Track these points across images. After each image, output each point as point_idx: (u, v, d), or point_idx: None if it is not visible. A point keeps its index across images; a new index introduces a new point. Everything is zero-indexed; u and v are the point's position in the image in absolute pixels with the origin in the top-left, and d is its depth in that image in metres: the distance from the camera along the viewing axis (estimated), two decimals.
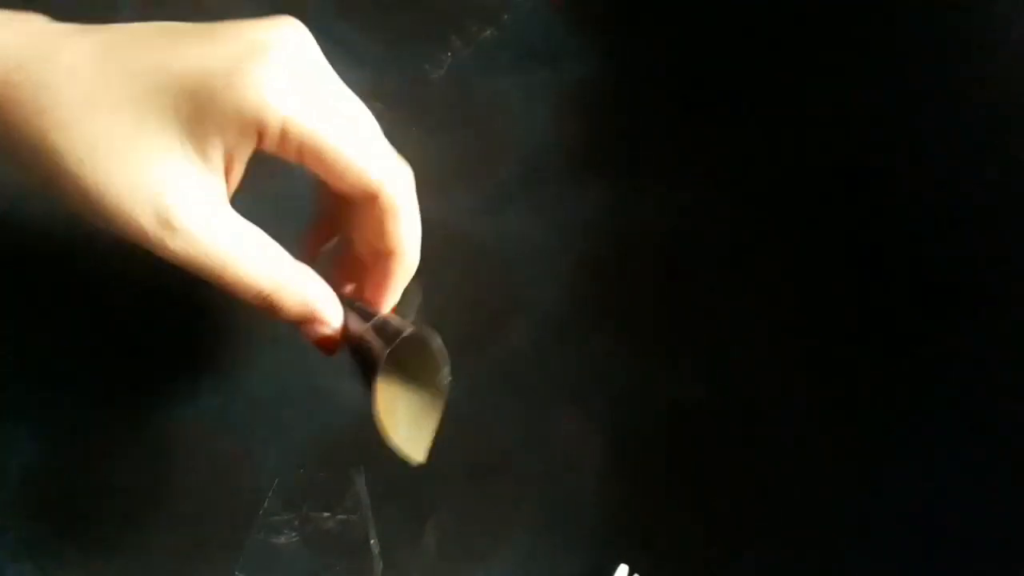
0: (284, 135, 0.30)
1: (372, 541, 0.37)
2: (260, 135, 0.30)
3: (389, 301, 0.35)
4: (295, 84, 0.30)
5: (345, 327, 0.33)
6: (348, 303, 0.33)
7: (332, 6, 0.53)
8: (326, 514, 0.38)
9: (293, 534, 0.37)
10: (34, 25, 0.30)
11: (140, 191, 0.29)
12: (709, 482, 0.41)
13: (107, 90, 0.29)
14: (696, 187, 0.48)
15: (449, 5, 0.54)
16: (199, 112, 0.29)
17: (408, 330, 0.31)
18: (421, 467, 0.32)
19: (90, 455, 0.39)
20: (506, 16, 0.53)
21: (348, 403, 0.40)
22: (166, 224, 0.29)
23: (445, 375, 0.32)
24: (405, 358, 0.31)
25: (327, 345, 0.33)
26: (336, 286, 0.33)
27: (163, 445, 0.39)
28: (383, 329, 0.32)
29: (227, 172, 0.31)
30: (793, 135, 0.50)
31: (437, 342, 0.32)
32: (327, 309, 0.33)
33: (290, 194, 0.37)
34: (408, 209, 0.34)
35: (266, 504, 0.38)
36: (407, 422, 0.33)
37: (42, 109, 0.29)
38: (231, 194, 0.32)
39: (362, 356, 0.32)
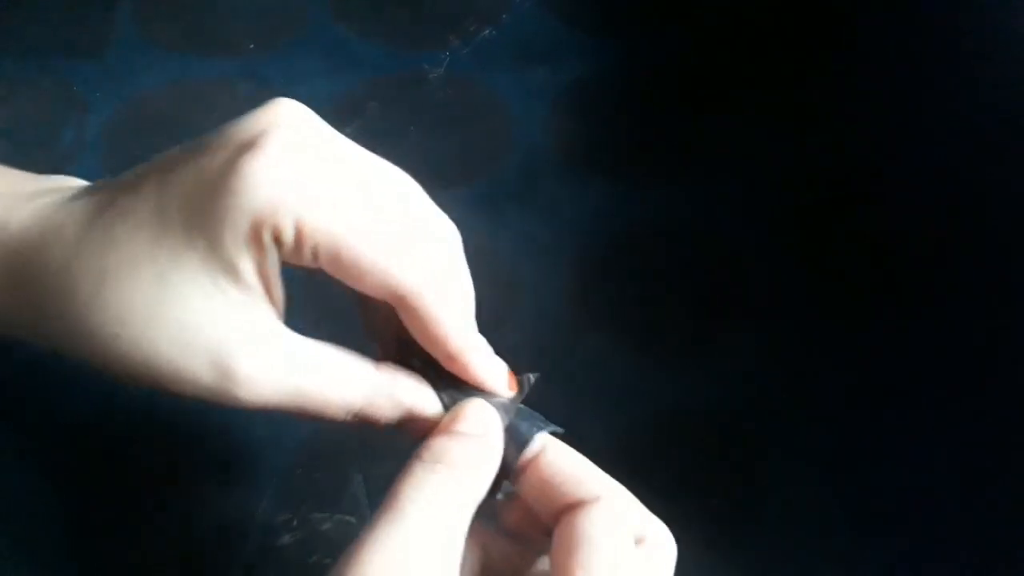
0: (299, 237, 0.26)
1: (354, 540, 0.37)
2: (277, 239, 0.26)
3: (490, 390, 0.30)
4: (298, 173, 0.26)
5: None
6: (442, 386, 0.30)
7: (329, 6, 0.53)
8: (324, 515, 0.38)
9: (290, 535, 0.37)
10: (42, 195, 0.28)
11: (189, 348, 0.26)
12: (708, 482, 0.40)
13: (116, 251, 0.27)
14: (695, 185, 0.48)
15: (448, 5, 0.54)
16: (213, 236, 0.26)
17: (535, 434, 0.29)
18: None
19: (87, 456, 0.39)
20: (504, 16, 0.53)
21: None
22: (227, 375, 0.26)
23: None
24: None
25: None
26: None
27: (160, 445, 0.39)
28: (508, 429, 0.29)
29: (268, 292, 0.28)
30: (793, 133, 0.50)
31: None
32: (426, 405, 0.29)
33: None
34: (443, 314, 0.28)
35: (263, 505, 0.38)
36: None
37: (62, 289, 0.27)
38: (282, 316, 0.29)
39: None
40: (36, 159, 0.46)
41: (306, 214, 0.26)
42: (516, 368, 0.31)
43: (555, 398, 0.42)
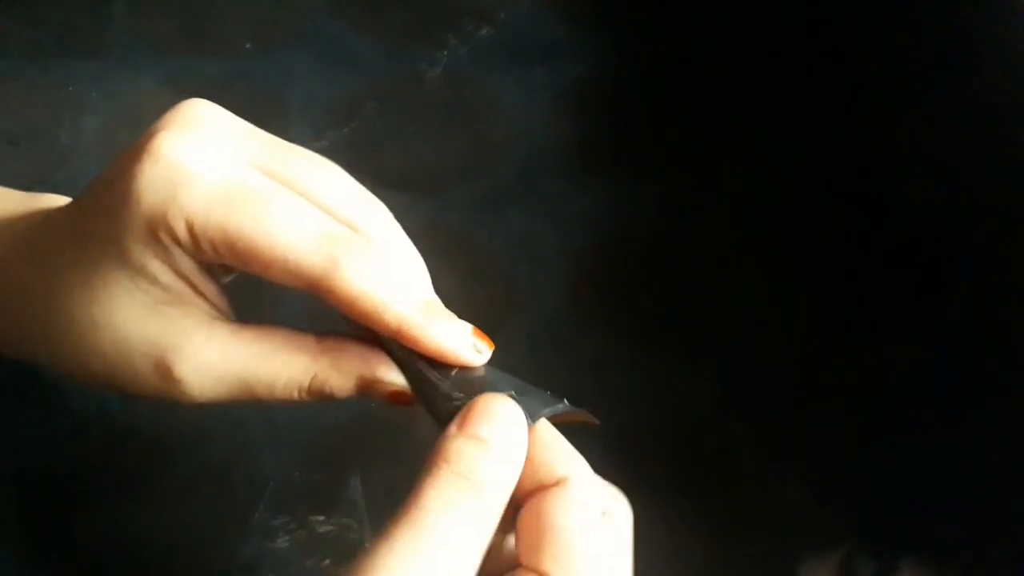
0: (193, 235, 0.26)
1: (368, 545, 0.37)
2: (175, 239, 0.26)
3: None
4: (187, 171, 0.26)
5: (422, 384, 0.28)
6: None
7: (327, 5, 0.53)
8: (321, 518, 0.37)
9: (288, 538, 0.37)
10: None
11: (129, 352, 0.27)
12: (707, 483, 0.40)
13: (49, 272, 0.28)
14: (693, 185, 0.48)
15: (445, 4, 0.54)
16: (120, 242, 0.26)
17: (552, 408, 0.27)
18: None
19: (85, 457, 0.38)
20: (502, 15, 0.53)
21: (344, 406, 0.39)
22: (168, 376, 0.27)
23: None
24: None
25: (399, 400, 0.29)
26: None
27: (158, 447, 0.39)
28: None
29: (194, 288, 0.28)
30: (790, 133, 0.50)
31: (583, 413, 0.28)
32: (379, 372, 0.28)
33: None
34: (362, 291, 0.26)
35: (261, 507, 0.38)
36: None
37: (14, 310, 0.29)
38: (222, 305, 0.29)
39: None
40: (32, 160, 0.45)
41: (195, 213, 0.26)
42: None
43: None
